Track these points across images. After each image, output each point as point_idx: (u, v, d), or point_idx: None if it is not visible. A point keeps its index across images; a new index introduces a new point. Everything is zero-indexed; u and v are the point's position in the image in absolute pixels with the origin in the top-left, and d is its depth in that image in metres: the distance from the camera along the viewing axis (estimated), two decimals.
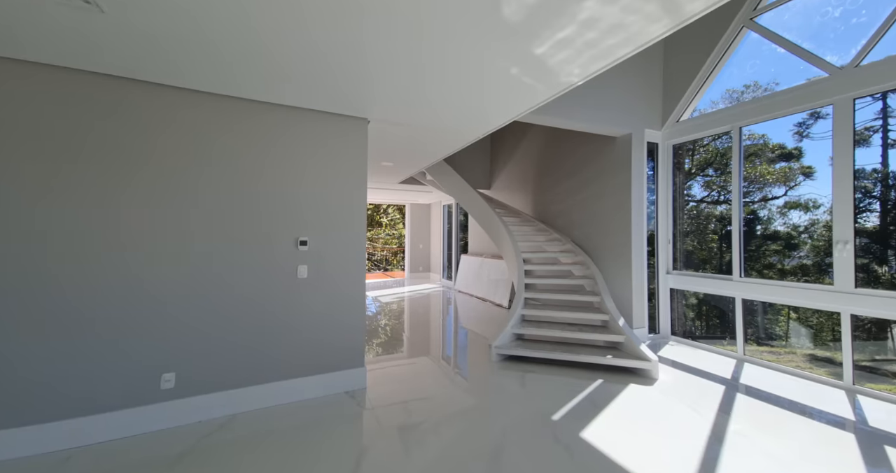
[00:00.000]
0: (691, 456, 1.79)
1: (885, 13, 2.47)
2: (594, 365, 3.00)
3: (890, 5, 2.45)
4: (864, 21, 2.57)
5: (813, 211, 4.02)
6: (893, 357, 2.67)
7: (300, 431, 2.02)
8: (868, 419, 2.16)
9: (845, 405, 2.34)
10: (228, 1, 1.35)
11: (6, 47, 1.67)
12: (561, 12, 1.41)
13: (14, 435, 1.77)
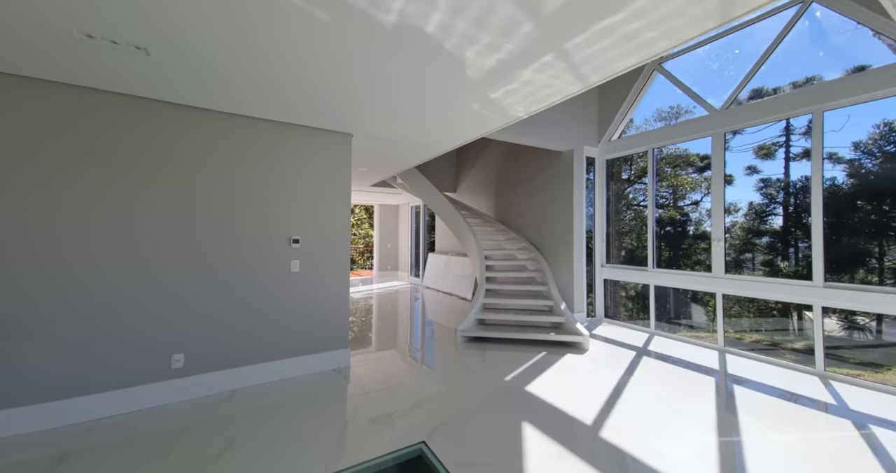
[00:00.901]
0: (600, 397, 2.48)
1: (745, 70, 3.39)
2: (541, 341, 3.69)
3: (748, 65, 3.36)
4: (732, 75, 3.48)
5: (733, 214, 5.05)
6: (751, 326, 3.62)
7: (295, 400, 2.44)
8: (728, 369, 3.01)
9: (716, 362, 3.20)
10: (246, 53, 1.78)
11: (65, 76, 1.94)
12: (507, 76, 2.00)
13: (44, 409, 2.03)
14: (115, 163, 2.27)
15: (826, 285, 2.82)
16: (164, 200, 2.41)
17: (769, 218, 4.24)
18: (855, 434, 1.99)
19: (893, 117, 2.85)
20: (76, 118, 2.17)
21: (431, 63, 1.86)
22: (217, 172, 2.59)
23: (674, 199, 6.07)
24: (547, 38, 1.62)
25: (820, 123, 2.91)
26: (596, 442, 1.94)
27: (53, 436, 1.98)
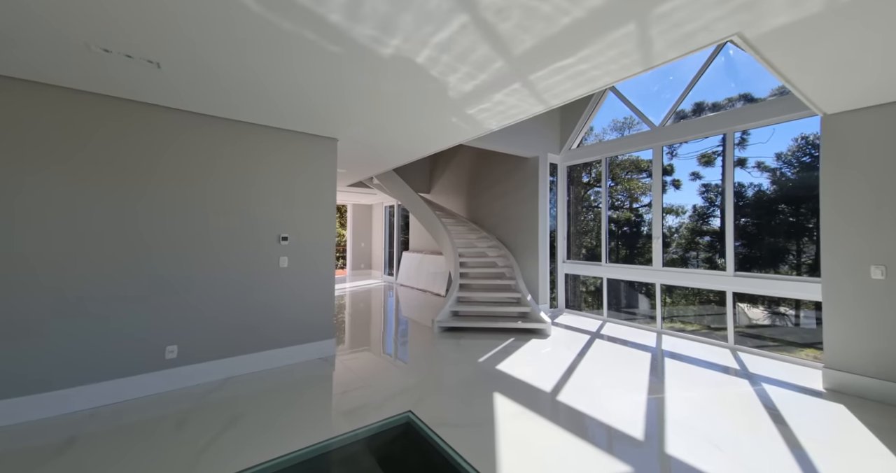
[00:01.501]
0: (558, 372, 2.93)
1: (678, 93, 4.02)
2: (509, 329, 4.12)
3: (681, 89, 4.00)
4: (668, 97, 4.11)
5: (682, 215, 5.74)
6: (687, 312, 4.28)
7: (287, 385, 2.66)
8: (663, 347, 3.60)
9: (654, 341, 3.78)
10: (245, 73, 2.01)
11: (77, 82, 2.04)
12: (482, 97, 2.37)
13: (45, 398, 2.12)
14: (114, 164, 2.38)
15: (735, 275, 3.48)
16: (160, 200, 2.54)
17: (710, 219, 4.99)
18: (749, 390, 2.57)
19: (809, 132, 3.47)
20: (83, 122, 2.26)
21: (419, 85, 2.18)
22: (209, 173, 2.74)
23: (630, 202, 6.80)
24: (515, 71, 2.01)
25: (732, 142, 3.57)
26: (553, 404, 2.37)
27: (58, 423, 2.08)
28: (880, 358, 2.37)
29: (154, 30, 1.63)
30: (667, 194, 6.05)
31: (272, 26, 1.59)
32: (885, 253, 2.36)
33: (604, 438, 1.98)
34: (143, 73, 2.03)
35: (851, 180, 2.51)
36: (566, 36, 1.65)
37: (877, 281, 2.39)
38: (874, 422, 2.11)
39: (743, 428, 2.06)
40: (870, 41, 1.68)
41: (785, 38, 1.65)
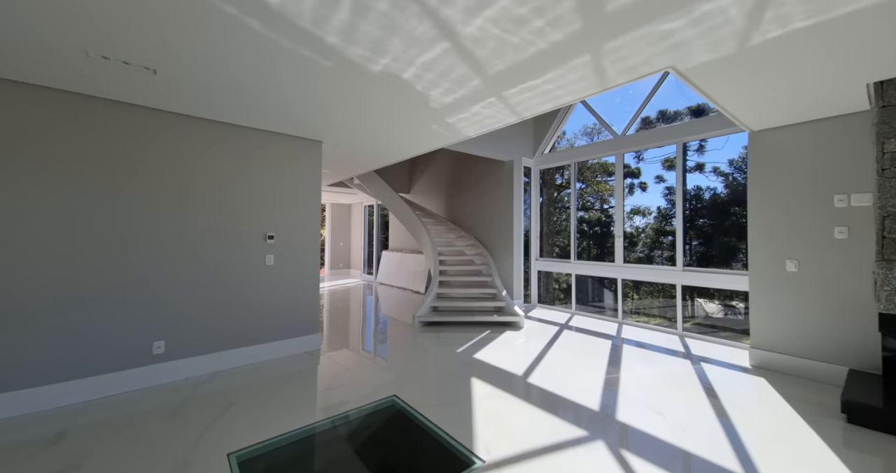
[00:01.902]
0: (529, 358, 3.23)
1: (637, 106, 4.45)
2: (485, 322, 4.40)
3: (639, 101, 4.42)
4: (628, 109, 4.54)
5: (647, 216, 6.19)
6: (650, 305, 4.72)
7: (275, 377, 2.80)
8: (623, 335, 3.99)
9: (615, 330, 4.18)
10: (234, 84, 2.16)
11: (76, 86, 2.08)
12: (461, 109, 2.62)
13: (35, 393, 2.17)
14: (108, 166, 2.43)
15: (684, 270, 3.93)
16: (150, 200, 2.61)
17: (673, 220, 5.49)
18: (689, 369, 2.97)
19: None
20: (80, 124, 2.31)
21: (403, 97, 2.40)
22: (197, 173, 2.83)
23: (601, 203, 7.29)
24: (490, 88, 2.27)
25: (682, 152, 4.02)
26: (524, 385, 2.65)
27: (52, 416, 2.14)
28: (794, 338, 2.83)
29: (160, 43, 1.75)
30: (634, 196, 6.56)
31: (272, 43, 1.76)
32: (798, 249, 2.82)
33: (566, 411, 2.28)
34: (139, 78, 2.12)
35: (772, 187, 2.97)
36: (533, 62, 1.92)
37: (791, 273, 2.85)
38: (787, 392, 2.54)
39: (681, 399, 2.43)
40: (777, 75, 2.07)
41: (710, 71, 2.01)
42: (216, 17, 1.55)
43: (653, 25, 1.58)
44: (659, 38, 1.68)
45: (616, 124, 4.67)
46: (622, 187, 4.56)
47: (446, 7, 1.47)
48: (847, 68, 1.97)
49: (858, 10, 1.48)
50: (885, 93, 2.09)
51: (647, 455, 1.82)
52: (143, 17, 1.55)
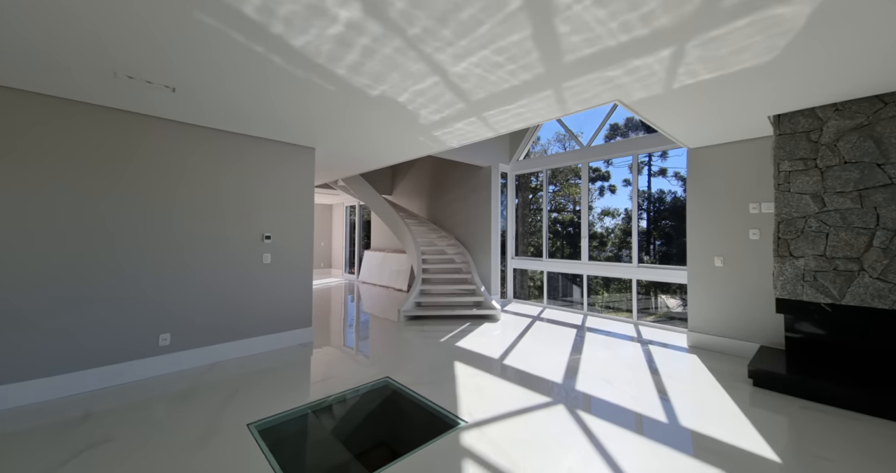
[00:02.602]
0: (504, 345, 3.66)
1: (601, 118, 5.01)
2: (465, 315, 4.81)
3: (604, 114, 4.98)
4: (594, 121, 5.09)
5: (616, 217, 6.75)
6: (619, 299, 5.30)
7: (273, 367, 3.08)
8: (586, 324, 4.52)
9: (580, 321, 4.71)
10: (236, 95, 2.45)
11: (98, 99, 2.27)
12: (446, 125, 3.00)
13: (57, 381, 2.36)
14: (128, 171, 2.63)
15: (638, 266, 4.50)
16: (158, 202, 2.82)
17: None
18: (638, 350, 3.51)
19: None
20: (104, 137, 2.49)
21: (396, 115, 2.76)
22: (190, 178, 3.05)
23: (573, 205, 7.88)
24: (472, 110, 2.67)
25: (636, 162, 4.60)
26: (500, 366, 3.08)
27: (71, 402, 2.34)
28: (720, 321, 3.42)
29: (185, 69, 2.02)
30: (604, 198, 7.22)
31: (288, 73, 2.07)
32: (723, 247, 3.42)
33: (534, 384, 2.72)
34: (160, 94, 2.36)
35: (705, 195, 3.56)
36: (508, 93, 2.34)
37: (718, 267, 3.44)
38: (712, 365, 3.10)
39: (629, 373, 2.93)
40: (697, 108, 2.60)
41: (647, 104, 2.50)
42: (243, 52, 1.85)
43: (599, 72, 2.03)
44: (604, 81, 2.14)
45: (586, 130, 5.23)
46: (587, 191, 5.10)
47: (439, 53, 1.85)
48: (749, 105, 2.52)
49: (745, 69, 2.00)
50: (780, 124, 2.67)
51: (597, 413, 2.28)
52: (180, 51, 1.83)
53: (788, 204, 2.62)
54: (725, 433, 2.05)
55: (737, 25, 1.59)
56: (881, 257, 2.28)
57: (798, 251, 2.58)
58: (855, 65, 1.96)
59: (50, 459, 1.78)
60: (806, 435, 2.03)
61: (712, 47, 1.77)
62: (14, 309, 2.28)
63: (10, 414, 2.19)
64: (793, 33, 1.65)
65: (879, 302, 2.28)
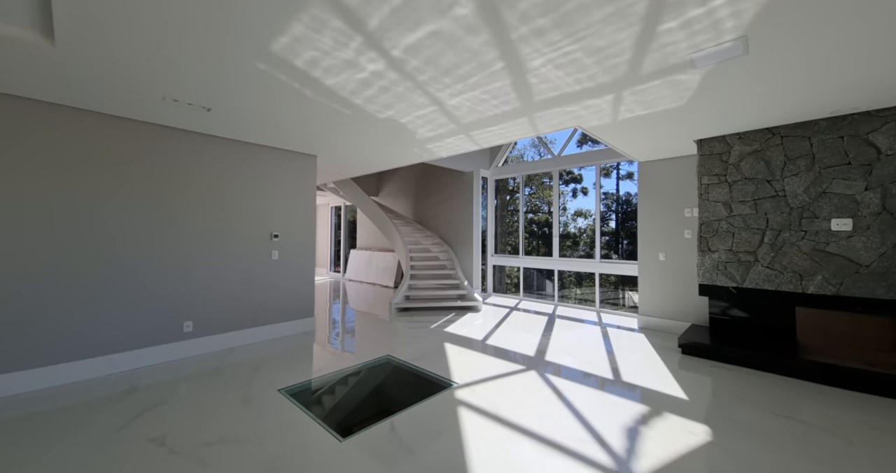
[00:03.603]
0: (485, 330, 4.26)
1: (566, 134, 5.71)
2: (450, 307, 5.38)
3: (570, 130, 5.69)
4: (565, 133, 5.79)
5: (588, 218, 7.44)
6: (577, 292, 6.02)
7: (287, 349, 3.52)
8: (557, 312, 5.21)
9: (551, 309, 5.40)
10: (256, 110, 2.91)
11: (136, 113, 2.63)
12: (438, 140, 3.55)
13: (95, 362, 2.71)
14: (162, 176, 3.00)
15: (599, 261, 5.24)
16: (182, 208, 3.19)
17: (610, 222, 6.87)
18: (598, 331, 4.20)
19: None
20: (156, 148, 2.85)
21: (397, 132, 3.28)
22: (196, 182, 3.44)
23: (548, 207, 8.60)
24: (461, 130, 3.24)
25: (598, 172, 5.33)
26: (482, 345, 3.66)
27: (113, 380, 2.69)
28: (662, 305, 4.17)
29: (224, 94, 2.46)
30: (577, 200, 7.96)
31: (315, 102, 2.55)
32: (665, 244, 4.17)
33: (511, 357, 3.32)
34: (196, 113, 2.76)
35: (652, 201, 4.30)
36: (491, 118, 2.92)
37: (662, 261, 4.19)
38: (653, 341, 3.83)
39: (588, 346, 3.60)
40: (639, 133, 3.29)
41: (601, 129, 3.16)
42: (280, 86, 2.32)
43: (561, 108, 2.65)
44: (566, 113, 2.77)
45: (558, 139, 5.94)
46: (558, 195, 5.81)
47: (439, 92, 2.40)
48: (679, 131, 3.24)
49: (667, 109, 2.68)
50: (701, 147, 3.42)
51: (561, 375, 2.90)
52: (228, 86, 2.27)
53: (707, 210, 3.37)
54: (653, 384, 2.73)
55: (653, 84, 2.25)
56: (769, 251, 3.05)
57: (714, 246, 3.33)
58: (741, 109, 2.69)
59: (115, 420, 2.18)
60: (708, 384, 2.74)
61: (640, 95, 2.43)
62: (69, 298, 2.62)
63: (65, 390, 2.53)
64: (691, 91, 2.33)
65: (768, 284, 3.05)
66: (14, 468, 1.74)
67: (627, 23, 1.63)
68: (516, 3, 1.51)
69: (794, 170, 2.94)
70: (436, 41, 1.79)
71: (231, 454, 1.85)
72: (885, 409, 2.33)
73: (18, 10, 1.63)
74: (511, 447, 1.93)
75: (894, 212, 2.56)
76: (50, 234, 2.60)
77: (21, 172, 2.51)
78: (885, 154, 2.60)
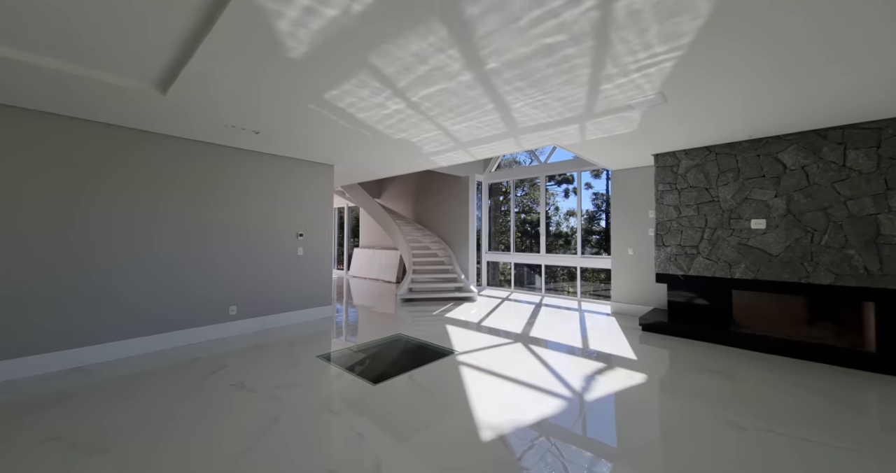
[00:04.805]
0: (480, 315, 5.00)
1: None
2: (449, 298, 6.10)
3: None
4: None
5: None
6: (561, 283, 6.79)
7: (307, 332, 4.21)
8: (543, 302, 5.96)
9: (538, 299, 6.15)
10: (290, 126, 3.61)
11: (202, 136, 3.30)
12: (440, 154, 4.27)
13: (161, 338, 3.38)
14: (217, 188, 3.67)
15: (581, 256, 6.01)
16: (227, 211, 3.87)
17: (600, 221, 7.65)
18: (577, 315, 4.96)
19: None
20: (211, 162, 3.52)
21: (406, 149, 3.99)
22: (248, 190, 4.13)
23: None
24: (460, 147, 3.96)
25: (580, 177, 6.10)
26: (478, 326, 4.40)
27: (175, 352, 3.37)
28: (630, 293, 4.95)
29: (272, 122, 3.15)
30: (569, 200, 8.70)
31: (347, 128, 3.25)
32: (633, 241, 4.95)
33: (502, 334, 4.05)
34: (246, 135, 3.45)
35: (623, 204, 5.07)
36: (485, 138, 3.65)
37: (630, 255, 4.97)
38: (622, 323, 4.60)
39: (566, 326, 4.35)
40: (606, 150, 4.05)
41: (574, 146, 3.91)
42: (319, 117, 3.01)
43: (540, 132, 3.39)
44: (544, 135, 3.51)
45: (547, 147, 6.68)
46: (545, 197, 6.57)
47: (444, 121, 3.12)
48: (638, 147, 4.00)
49: (622, 134, 3.43)
50: (657, 160, 4.19)
51: (540, 345, 3.64)
52: (281, 118, 2.96)
53: (662, 212, 4.14)
54: (614, 350, 3.49)
55: (607, 118, 2.99)
56: (707, 245, 3.83)
57: (667, 242, 4.10)
58: (676, 135, 3.45)
59: (190, 381, 2.85)
60: (656, 350, 3.51)
61: (599, 125, 3.18)
62: (143, 282, 3.29)
63: (137, 360, 3.20)
64: (636, 123, 3.09)
65: (706, 272, 3.82)
66: (139, 405, 2.42)
67: (578, 85, 2.37)
68: (501, 73, 2.23)
69: (724, 181, 3.72)
70: (444, 92, 2.51)
71: (295, 392, 2.55)
72: (796, 368, 3.11)
73: (149, 73, 2.31)
74: (499, 387, 2.66)
75: (796, 214, 3.35)
76: (145, 234, 3.27)
77: (120, 185, 3.18)
78: (789, 169, 3.38)
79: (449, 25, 1.72)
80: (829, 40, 1.84)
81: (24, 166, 2.81)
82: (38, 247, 2.85)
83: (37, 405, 2.37)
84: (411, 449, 1.90)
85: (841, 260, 3.11)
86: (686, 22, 1.69)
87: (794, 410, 2.32)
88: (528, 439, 2.01)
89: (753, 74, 2.23)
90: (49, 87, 2.43)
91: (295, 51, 1.95)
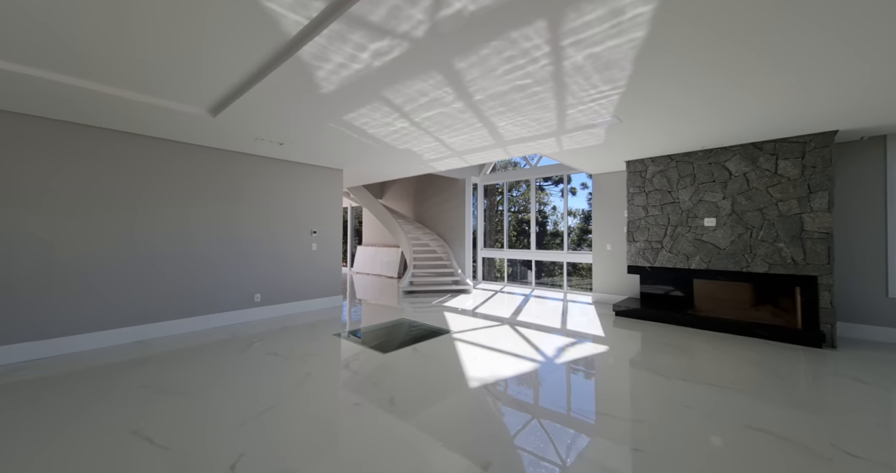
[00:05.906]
0: (474, 305, 5.62)
1: None
2: (447, 290, 6.73)
3: None
4: None
5: (577, 217, 8.79)
6: (553, 278, 7.42)
7: (322, 317, 4.83)
8: (533, 293, 6.58)
9: (529, 291, 6.77)
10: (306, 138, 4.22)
11: (235, 147, 3.91)
12: (440, 161, 4.89)
13: (197, 321, 4.00)
14: (238, 190, 4.29)
15: (567, 252, 6.64)
16: (254, 211, 4.49)
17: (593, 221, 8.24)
18: (561, 304, 5.59)
19: None
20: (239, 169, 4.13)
21: (409, 157, 4.61)
22: (269, 194, 4.74)
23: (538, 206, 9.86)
24: (455, 154, 4.58)
25: (567, 178, 6.73)
26: (472, 313, 5.02)
27: (213, 331, 3.99)
28: (608, 284, 5.58)
29: (298, 136, 3.77)
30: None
31: (355, 139, 3.87)
32: (611, 238, 5.58)
33: (493, 319, 4.68)
34: (271, 145, 4.06)
35: (602, 204, 5.70)
36: (477, 149, 4.27)
37: (608, 250, 5.60)
38: (599, 310, 5.22)
39: (551, 314, 4.98)
40: (584, 157, 4.67)
41: (555, 155, 4.54)
42: (335, 131, 3.63)
43: (524, 144, 4.01)
44: (528, 146, 4.13)
45: (532, 159, 7.30)
46: (535, 197, 7.20)
47: (442, 136, 3.74)
48: (613, 155, 4.62)
49: (594, 145, 4.05)
50: (629, 166, 4.81)
51: (528, 328, 4.27)
52: (305, 132, 3.58)
53: (633, 212, 4.77)
54: (586, 330, 4.12)
55: (578, 133, 3.62)
56: (670, 240, 4.46)
57: (637, 238, 4.73)
58: (639, 147, 4.07)
59: (237, 348, 3.47)
60: (624, 330, 4.14)
61: (573, 138, 3.80)
62: (185, 272, 3.90)
63: (186, 337, 3.80)
64: (603, 137, 3.72)
65: (669, 263, 4.45)
66: (200, 366, 3.03)
67: (548, 110, 2.99)
68: (486, 102, 2.85)
69: (683, 185, 4.35)
70: (441, 115, 3.13)
71: (320, 359, 3.17)
72: (741, 343, 3.74)
73: (207, 102, 2.92)
74: (486, 356, 3.28)
75: (739, 214, 3.98)
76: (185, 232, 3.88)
77: (169, 188, 3.79)
78: (734, 175, 4.01)
79: (444, 74, 2.34)
80: (735, 74, 2.47)
81: (98, 171, 3.42)
82: (106, 236, 3.47)
83: (124, 365, 2.99)
84: (416, 392, 2.52)
85: (773, 252, 3.75)
86: (617, 72, 2.31)
87: (729, 372, 2.95)
88: (504, 386, 2.63)
89: (682, 104, 2.86)
90: (124, 112, 3.04)
91: (326, 88, 2.57)
